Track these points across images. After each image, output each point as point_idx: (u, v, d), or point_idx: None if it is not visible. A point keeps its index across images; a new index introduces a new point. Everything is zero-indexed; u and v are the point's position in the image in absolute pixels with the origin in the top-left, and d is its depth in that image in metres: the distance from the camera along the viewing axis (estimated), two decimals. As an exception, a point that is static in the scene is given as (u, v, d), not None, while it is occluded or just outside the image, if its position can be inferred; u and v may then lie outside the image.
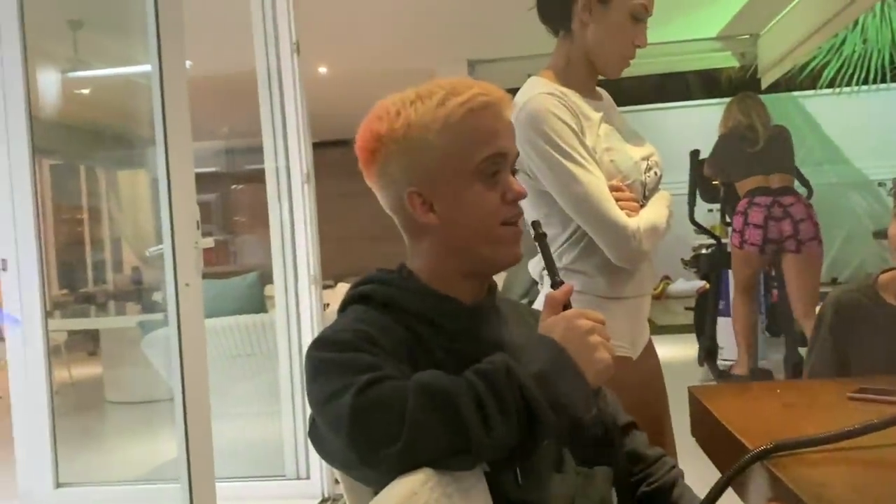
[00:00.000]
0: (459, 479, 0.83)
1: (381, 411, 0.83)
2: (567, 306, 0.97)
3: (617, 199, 1.45)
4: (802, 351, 4.11)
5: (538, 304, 1.47)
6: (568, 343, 0.90)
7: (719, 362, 4.72)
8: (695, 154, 4.74)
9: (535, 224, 1.12)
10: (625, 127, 1.60)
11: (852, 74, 6.95)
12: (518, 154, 1.05)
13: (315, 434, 0.94)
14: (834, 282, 7.26)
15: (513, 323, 1.10)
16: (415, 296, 1.01)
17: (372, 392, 0.84)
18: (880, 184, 7.82)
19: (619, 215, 1.43)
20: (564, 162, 1.42)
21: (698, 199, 4.77)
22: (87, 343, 7.00)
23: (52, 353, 3.58)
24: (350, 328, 0.95)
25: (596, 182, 1.43)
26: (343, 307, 1.04)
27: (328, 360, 0.91)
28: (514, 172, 1.04)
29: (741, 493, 0.99)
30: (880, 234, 6.81)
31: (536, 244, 1.11)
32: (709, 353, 4.71)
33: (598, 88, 1.62)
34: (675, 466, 1.17)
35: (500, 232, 1.01)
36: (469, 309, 1.03)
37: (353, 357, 0.90)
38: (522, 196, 1.02)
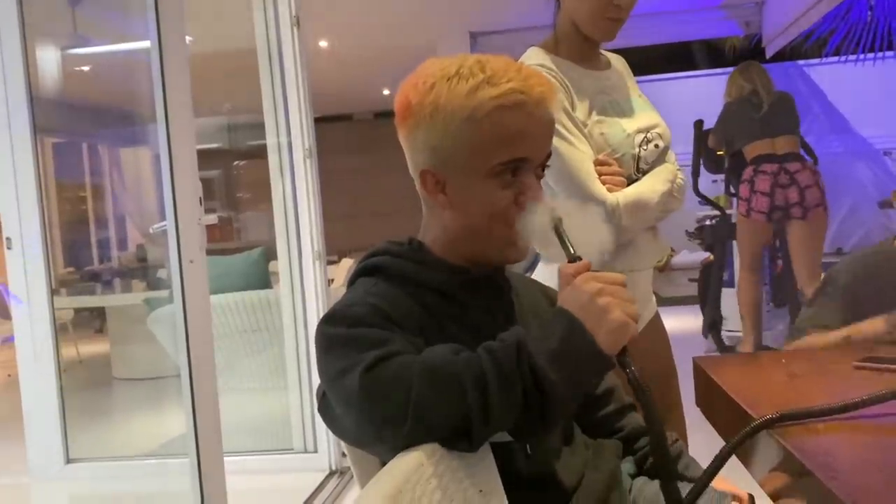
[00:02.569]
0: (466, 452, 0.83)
1: (388, 390, 0.83)
2: None
3: (601, 174, 1.43)
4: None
5: (537, 275, 1.47)
6: (577, 309, 0.86)
7: (724, 334, 4.73)
8: (699, 124, 4.70)
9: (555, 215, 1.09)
10: (630, 96, 1.57)
11: (858, 42, 6.86)
12: (549, 154, 1.00)
13: (325, 409, 0.94)
14: (839, 252, 7.23)
15: (525, 296, 1.09)
16: (426, 268, 1.00)
17: (379, 370, 0.84)
18: (886, 153, 7.76)
19: (598, 190, 1.41)
20: None
21: (702, 170, 4.75)
22: (94, 320, 7.04)
23: (60, 330, 3.60)
24: (360, 302, 0.93)
25: (578, 156, 1.42)
26: (352, 280, 1.03)
27: (338, 336, 0.90)
28: (544, 168, 1.00)
29: (746, 461, 1.00)
30: (886, 204, 6.79)
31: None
32: (713, 324, 4.72)
33: (607, 54, 1.60)
34: (677, 440, 1.17)
35: (507, 233, 0.98)
36: (482, 281, 1.02)
37: (363, 332, 0.89)
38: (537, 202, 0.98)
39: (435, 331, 0.94)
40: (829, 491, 0.71)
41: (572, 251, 0.95)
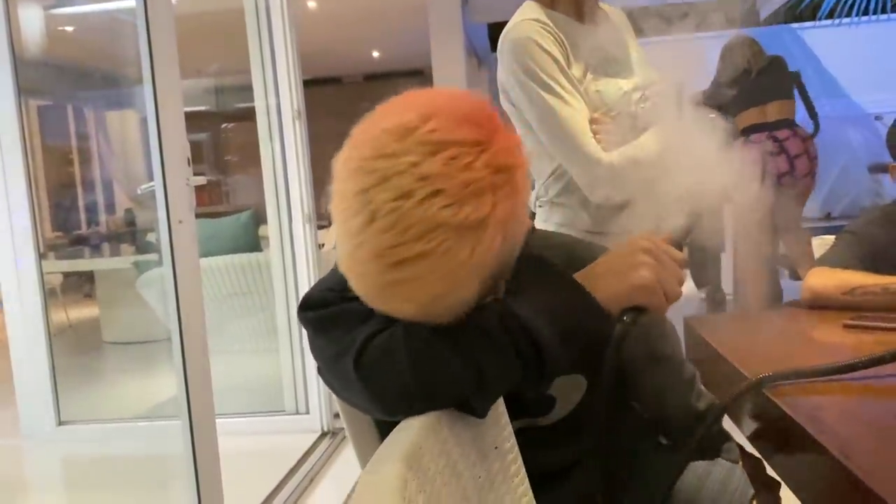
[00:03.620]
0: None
1: (384, 380, 0.79)
2: None
3: (595, 133, 1.41)
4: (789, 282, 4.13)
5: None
6: (611, 256, 0.84)
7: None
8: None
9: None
10: (629, 53, 1.54)
11: (852, 5, 6.82)
12: None
13: (329, 381, 0.91)
14: (828, 217, 7.27)
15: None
16: None
17: (369, 356, 0.80)
18: (877, 117, 7.76)
19: (592, 149, 1.39)
20: (543, 94, 1.38)
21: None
22: (83, 285, 7.02)
23: (49, 295, 3.59)
24: (333, 282, 0.89)
25: (572, 115, 1.39)
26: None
27: (319, 319, 0.88)
28: None
29: (735, 417, 1.01)
30: (876, 169, 6.80)
31: None
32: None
33: (606, 8, 1.57)
34: None
35: None
36: None
37: (344, 309, 0.85)
38: None
39: None
40: (819, 444, 0.72)
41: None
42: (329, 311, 0.87)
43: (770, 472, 1.00)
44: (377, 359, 0.79)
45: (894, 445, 0.75)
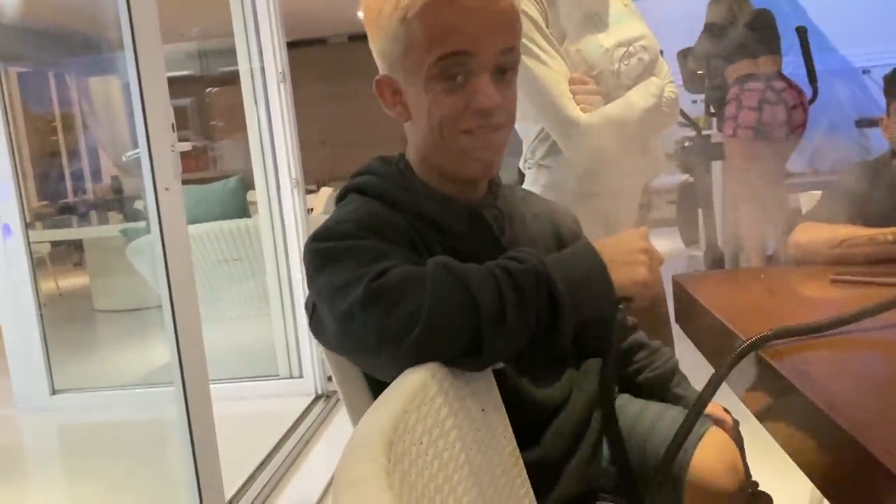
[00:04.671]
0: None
1: (398, 297, 0.79)
2: None
3: (575, 93, 1.39)
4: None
5: None
6: (617, 250, 0.88)
7: (699, 254, 4.78)
8: (683, 53, 4.65)
9: None
10: (610, 6, 1.50)
11: (841, -43, 6.74)
12: (508, 50, 0.92)
13: (318, 325, 0.90)
14: (815, 172, 7.27)
15: (518, 219, 1.05)
16: (411, 194, 0.96)
17: (387, 279, 0.80)
18: (865, 71, 7.73)
19: (571, 110, 1.37)
20: (521, 55, 1.37)
21: (682, 91, 4.72)
22: (72, 254, 6.99)
23: (37, 264, 3.58)
24: (352, 219, 0.90)
25: (550, 75, 1.37)
26: (342, 196, 1.00)
27: (334, 250, 0.86)
28: (506, 71, 0.93)
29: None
30: (863, 123, 6.79)
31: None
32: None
33: None
34: (672, 357, 1.19)
35: (462, 142, 0.93)
36: (467, 210, 0.98)
37: (363, 244, 0.86)
38: (488, 107, 0.91)
39: (426, 255, 0.90)
40: (806, 398, 0.73)
41: None
42: (344, 244, 0.86)
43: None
44: (395, 282, 0.80)
45: (880, 398, 0.76)
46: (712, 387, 0.84)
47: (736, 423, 1.13)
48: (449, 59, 0.89)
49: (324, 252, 0.88)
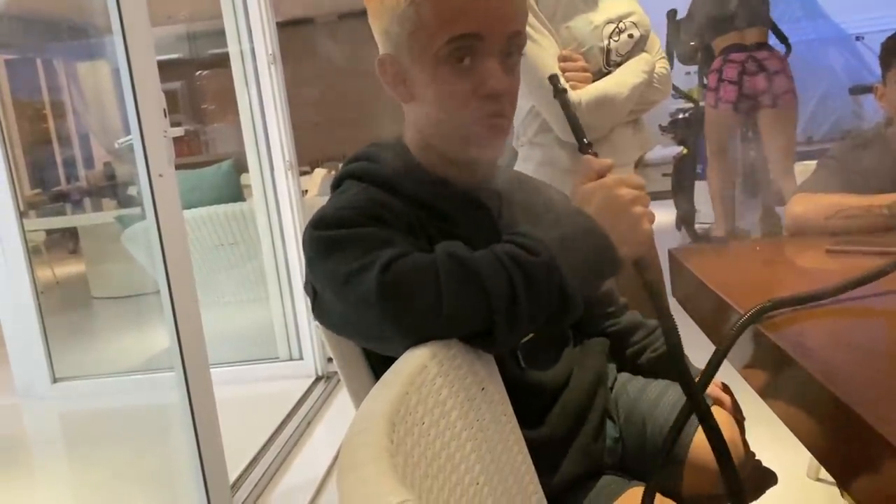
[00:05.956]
0: (466, 351, 0.83)
1: (412, 287, 0.78)
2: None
3: (564, 70, 1.39)
4: (780, 210, 4.17)
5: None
6: (608, 215, 0.85)
7: (697, 226, 4.79)
8: (672, 14, 4.63)
9: (553, 78, 1.04)
10: None
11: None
12: (516, 34, 0.90)
13: (321, 309, 0.89)
14: (809, 140, 7.27)
15: (516, 203, 1.04)
16: (409, 179, 0.95)
17: (398, 267, 0.79)
18: (858, 38, 7.70)
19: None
20: None
21: (675, 62, 4.71)
22: (67, 241, 6.97)
23: (33, 253, 3.57)
24: (352, 205, 0.89)
25: (538, 53, 1.38)
26: (337, 183, 0.99)
27: (338, 238, 0.85)
28: (512, 54, 0.91)
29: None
30: (856, 90, 6.78)
31: (557, 101, 1.03)
32: (685, 217, 4.80)
33: None
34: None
35: (468, 124, 0.91)
36: (466, 195, 0.97)
37: (367, 232, 0.85)
38: (499, 91, 0.90)
39: (424, 240, 0.90)
40: (803, 368, 0.74)
41: (585, 140, 0.94)
42: (349, 231, 0.85)
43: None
44: (407, 271, 0.79)
45: (875, 366, 0.77)
46: (713, 366, 0.83)
47: (737, 405, 1.14)
48: (458, 41, 0.88)
49: (326, 240, 0.86)
